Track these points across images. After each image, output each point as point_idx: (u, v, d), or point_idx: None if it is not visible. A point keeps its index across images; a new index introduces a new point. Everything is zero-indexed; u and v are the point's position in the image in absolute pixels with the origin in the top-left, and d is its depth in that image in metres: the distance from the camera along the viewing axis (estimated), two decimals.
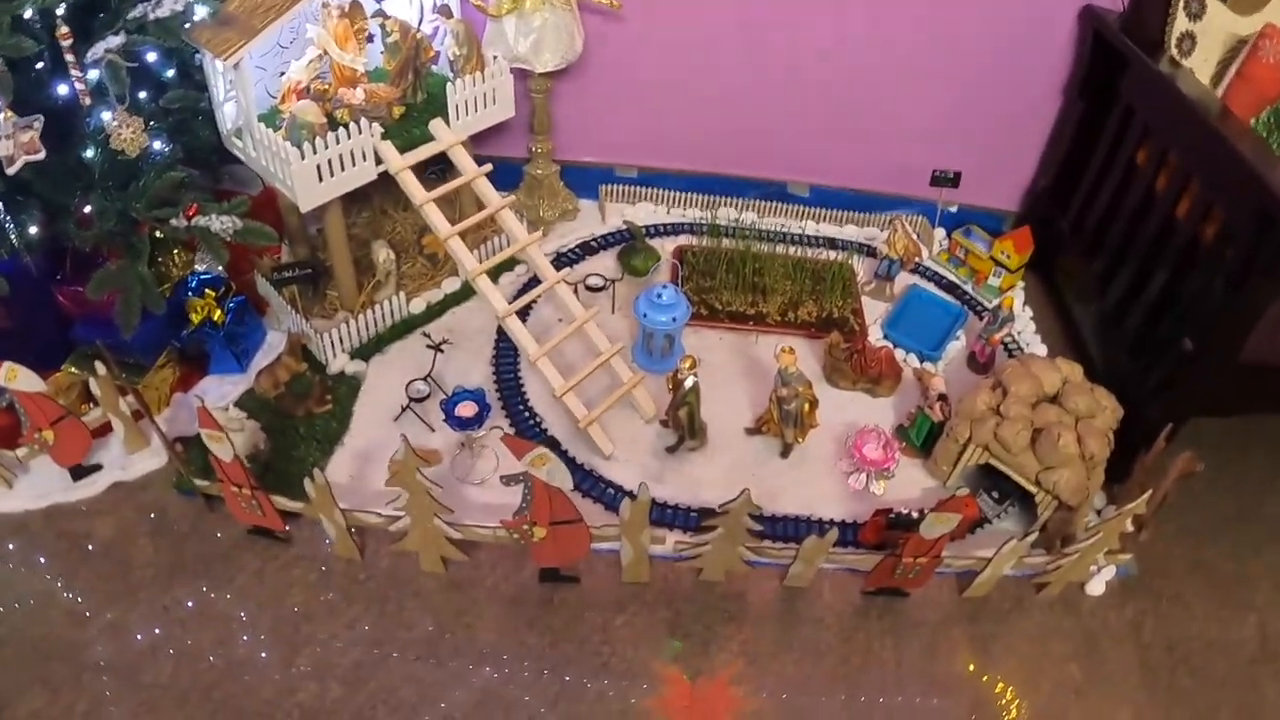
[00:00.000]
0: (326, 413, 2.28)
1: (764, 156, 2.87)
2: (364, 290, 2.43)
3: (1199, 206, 2.15)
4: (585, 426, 2.15)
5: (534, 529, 1.88)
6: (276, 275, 2.37)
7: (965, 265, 2.80)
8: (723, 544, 1.90)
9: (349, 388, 2.34)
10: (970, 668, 1.97)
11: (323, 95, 2.19)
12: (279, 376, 2.25)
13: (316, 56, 2.21)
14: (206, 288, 2.35)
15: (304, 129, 2.10)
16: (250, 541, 2.08)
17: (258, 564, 2.04)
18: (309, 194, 2.12)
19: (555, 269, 2.29)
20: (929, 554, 1.90)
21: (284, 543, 2.07)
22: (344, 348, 2.37)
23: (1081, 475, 2.03)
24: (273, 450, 2.18)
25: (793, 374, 2.08)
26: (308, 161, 2.06)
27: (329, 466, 2.17)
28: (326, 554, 2.06)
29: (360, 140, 2.13)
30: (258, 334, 2.44)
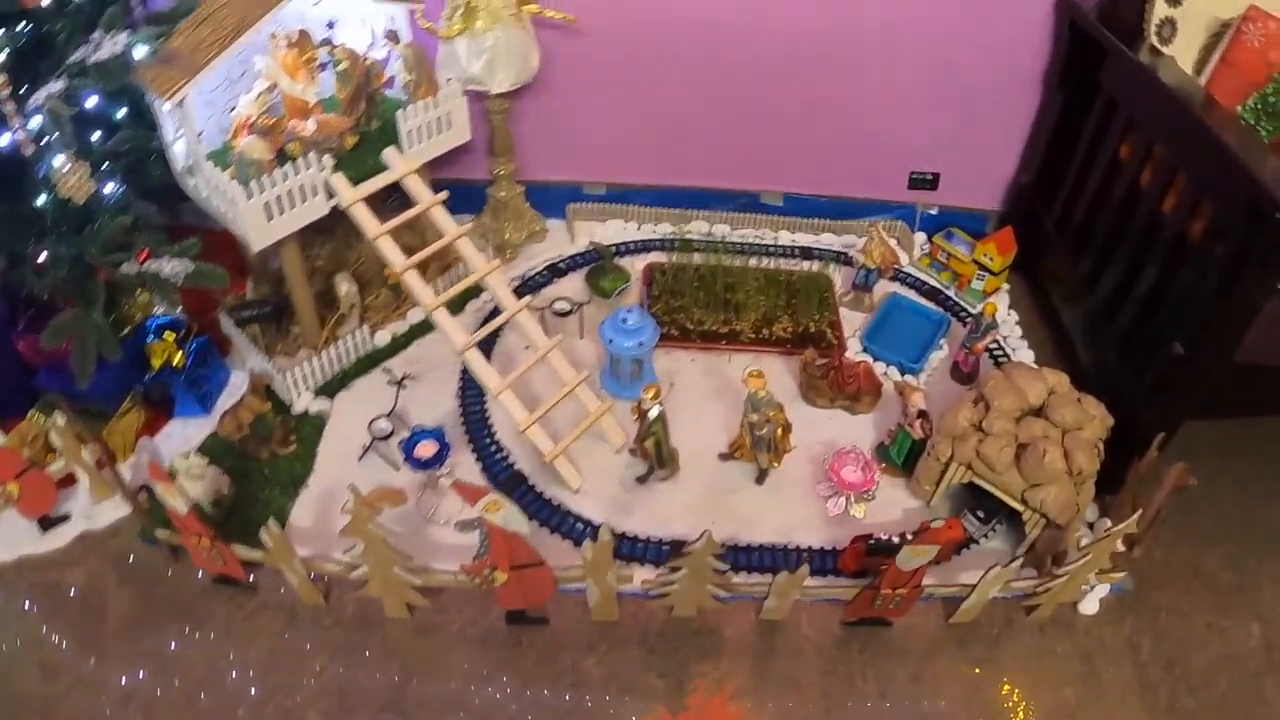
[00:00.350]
0: (290, 454, 2.19)
1: (735, 167, 2.75)
2: (327, 325, 2.34)
3: (1186, 202, 2.02)
4: (551, 461, 2.04)
5: (495, 574, 1.78)
6: (236, 314, 2.28)
7: (947, 269, 2.67)
8: (690, 583, 1.78)
9: (313, 427, 2.25)
10: (959, 698, 1.85)
11: (269, 130, 2.08)
12: (242, 418, 2.17)
13: (265, 89, 2.11)
14: (165, 331, 2.26)
15: (251, 167, 2.01)
16: (216, 590, 1.99)
17: (224, 613, 1.96)
18: (259, 233, 2.02)
19: (522, 294, 2.19)
20: (908, 585, 1.78)
21: (250, 590, 1.99)
22: (308, 385, 2.28)
23: (1069, 492, 1.90)
24: (236, 495, 2.10)
25: (762, 399, 1.96)
26: (255, 201, 1.97)
27: (293, 509, 2.09)
28: (292, 600, 1.97)
29: (309, 175, 2.03)
30: (221, 375, 2.36)
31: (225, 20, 1.99)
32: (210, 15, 2.01)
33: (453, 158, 2.36)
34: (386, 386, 2.33)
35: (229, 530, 1.96)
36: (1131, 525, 1.80)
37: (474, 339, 2.08)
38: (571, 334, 2.44)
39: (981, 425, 1.98)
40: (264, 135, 2.06)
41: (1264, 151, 1.85)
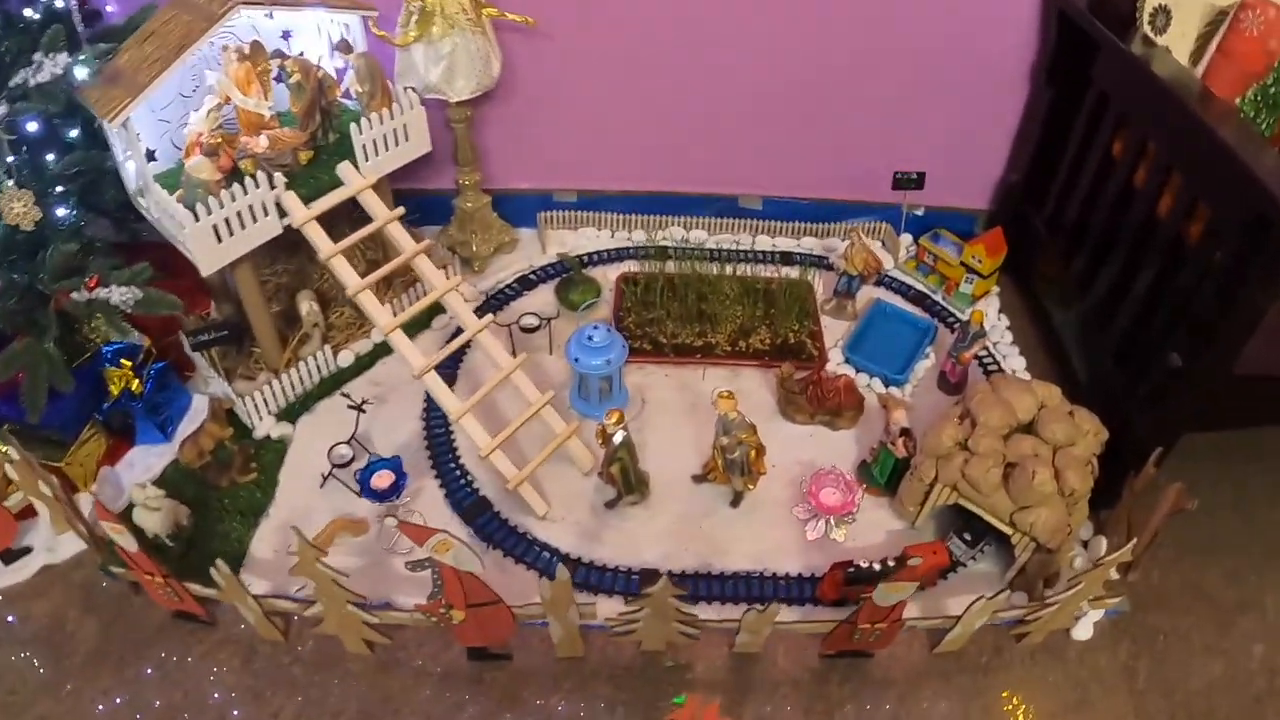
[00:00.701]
0: (251, 482, 2.07)
1: (711, 170, 2.61)
2: (289, 346, 2.22)
3: (1182, 202, 1.88)
4: (514, 488, 1.91)
5: (451, 612, 1.65)
6: (193, 338, 2.15)
7: (935, 273, 2.52)
8: (654, 621, 1.65)
9: (275, 453, 2.12)
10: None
11: (216, 149, 1.96)
12: (203, 445, 2.05)
13: (215, 105, 1.99)
14: (122, 357, 2.14)
15: (198, 188, 1.89)
16: (176, 625, 1.88)
17: (183, 649, 1.84)
18: (208, 256, 1.91)
19: (492, 308, 2.05)
20: (888, 619, 1.64)
21: (210, 625, 1.87)
22: (269, 409, 2.16)
23: (1061, 514, 1.76)
24: (196, 525, 1.98)
25: (733, 420, 1.83)
26: (203, 223, 1.85)
27: (253, 540, 1.97)
28: (252, 636, 1.85)
29: (259, 194, 1.91)
30: (182, 400, 2.23)
31: (170, 36, 1.89)
32: (155, 32, 1.92)
33: (416, 169, 2.24)
34: (350, 410, 2.21)
35: (190, 563, 1.85)
36: (1126, 554, 1.66)
37: (432, 361, 1.95)
38: (540, 350, 2.31)
39: (967, 444, 1.85)
40: (212, 154, 1.94)
41: (1263, 147, 1.70)
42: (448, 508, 2.00)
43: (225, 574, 1.69)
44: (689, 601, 1.84)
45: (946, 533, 1.94)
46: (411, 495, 2.02)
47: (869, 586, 1.75)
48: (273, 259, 2.36)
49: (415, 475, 2.06)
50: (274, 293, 2.31)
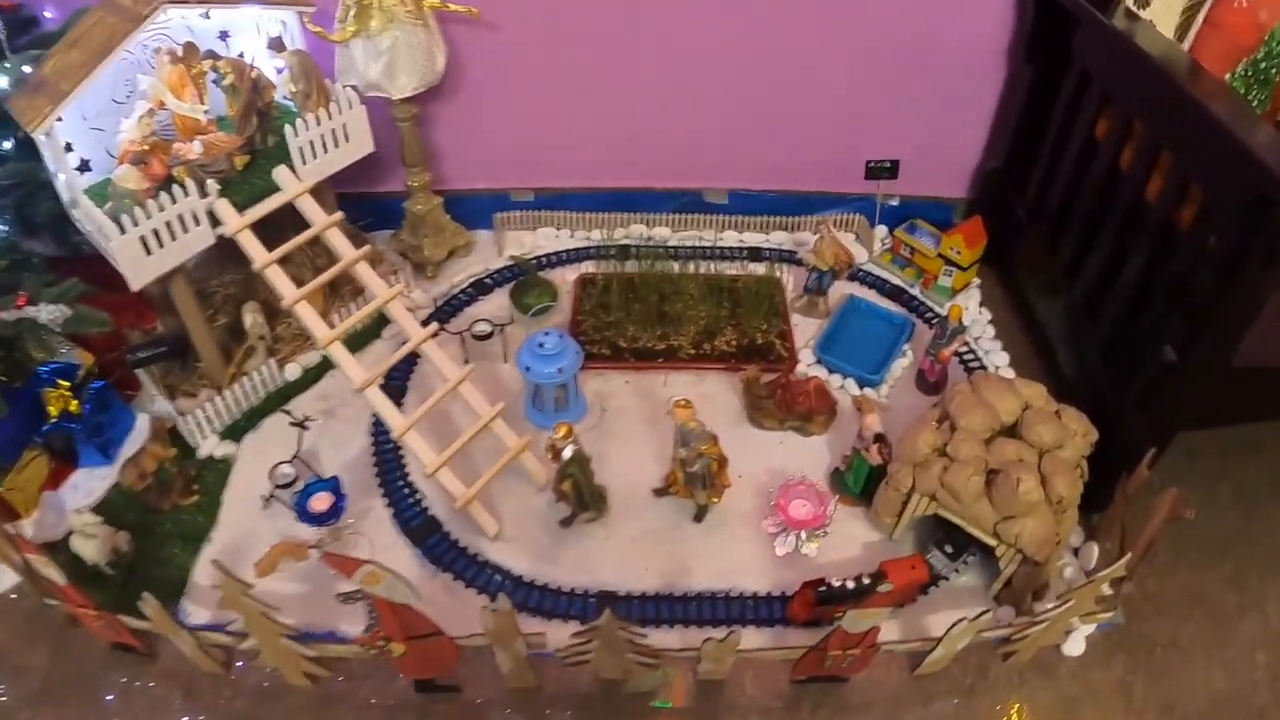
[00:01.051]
0: (193, 504, 1.92)
1: (674, 164, 2.45)
2: (234, 360, 2.07)
3: (1172, 184, 1.74)
4: (462, 507, 1.75)
5: (390, 645, 1.50)
6: (132, 355, 2.00)
7: (911, 265, 2.37)
8: (606, 653, 1.49)
9: (218, 474, 1.98)
10: None
11: (143, 156, 1.82)
12: (144, 466, 1.93)
13: (147, 111, 1.86)
14: (59, 377, 2.00)
15: (125, 198, 1.76)
16: (116, 658, 1.74)
17: (123, 683, 1.70)
18: (137, 270, 1.77)
19: (446, 315, 1.90)
20: (861, 645, 1.48)
21: (150, 657, 1.73)
22: (213, 427, 2.01)
23: (1048, 523, 1.61)
24: (136, 552, 1.84)
25: (692, 430, 1.67)
26: (129, 235, 1.71)
27: (196, 566, 1.82)
28: (192, 669, 1.71)
29: (189, 203, 1.77)
30: (125, 420, 2.08)
31: (94, 40, 1.77)
32: (81, 36, 1.80)
33: (365, 171, 2.09)
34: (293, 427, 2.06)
35: (130, 591, 1.69)
36: (1120, 569, 1.51)
37: (373, 375, 1.79)
38: (495, 359, 2.15)
39: (946, 449, 1.69)
40: (139, 163, 1.81)
41: (1257, 123, 1.55)
42: (395, 529, 1.85)
43: (154, 606, 1.56)
44: (650, 624, 1.70)
45: (926, 545, 1.78)
46: (358, 516, 1.87)
47: (843, 606, 1.60)
48: (220, 269, 2.22)
49: (363, 495, 1.91)
50: (221, 305, 2.17)
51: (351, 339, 2.17)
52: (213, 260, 2.22)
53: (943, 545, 1.74)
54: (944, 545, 1.74)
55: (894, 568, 1.63)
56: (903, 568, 1.64)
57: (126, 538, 1.83)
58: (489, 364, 2.13)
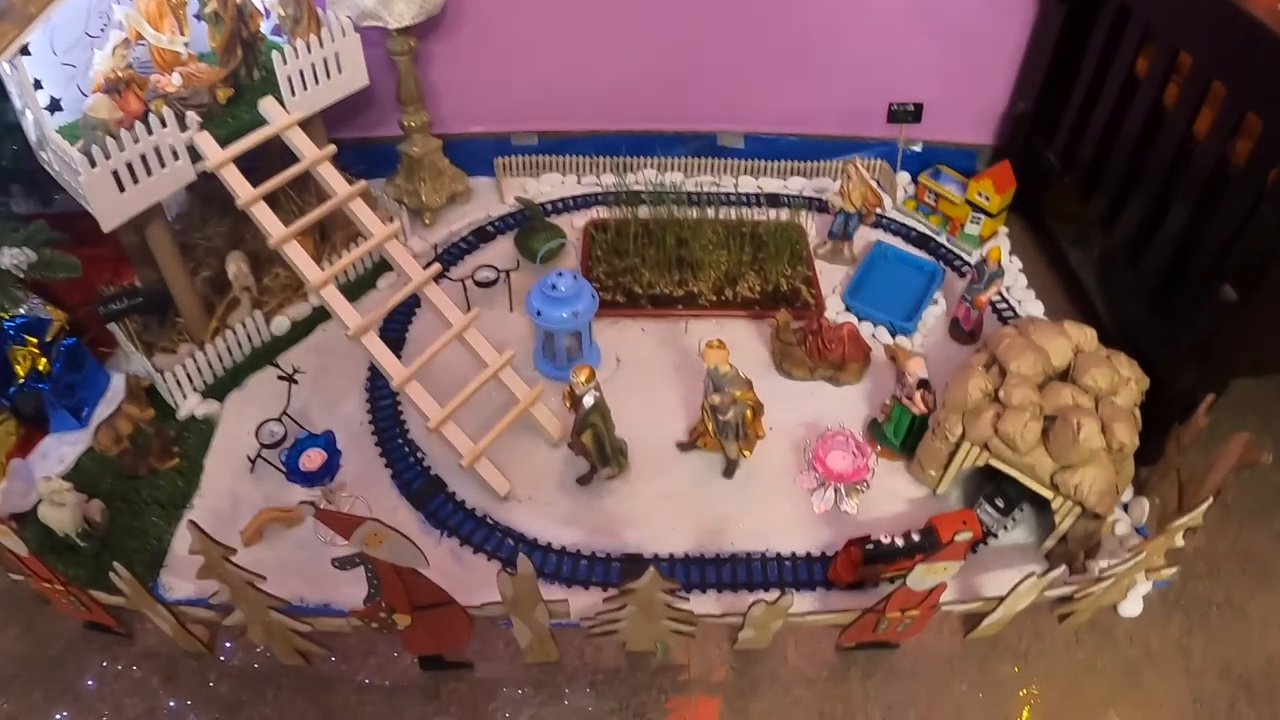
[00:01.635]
0: (173, 469, 1.72)
1: (687, 105, 2.25)
2: (216, 313, 1.86)
3: (1226, 118, 1.58)
4: (469, 464, 1.56)
5: (394, 617, 1.30)
6: (103, 307, 1.78)
7: (936, 213, 2.19)
8: (639, 620, 1.30)
9: (200, 435, 1.77)
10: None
11: (117, 84, 1.62)
12: (120, 429, 1.74)
13: (121, 41, 1.68)
14: (26, 333, 1.79)
15: (97, 129, 1.57)
16: (90, 638, 1.55)
17: (98, 666, 1.51)
18: (109, 208, 1.59)
19: (444, 264, 1.71)
20: (921, 605, 1.31)
21: (125, 638, 1.53)
22: (194, 386, 1.80)
23: (1109, 473, 1.45)
24: (111, 521, 1.64)
25: (725, 375, 1.48)
26: (100, 168, 1.52)
27: (176, 536, 1.62)
28: (172, 649, 1.51)
29: (167, 135, 1.58)
30: (100, 380, 1.86)
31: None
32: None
33: (360, 114, 1.90)
34: (281, 382, 1.85)
35: (104, 564, 1.47)
36: (1198, 518, 1.34)
37: (370, 320, 1.59)
38: (499, 306, 1.95)
39: (998, 395, 1.52)
40: (112, 91, 1.63)
41: None
42: (395, 491, 1.66)
43: (127, 578, 1.37)
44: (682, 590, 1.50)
45: (973, 499, 1.61)
46: (353, 478, 1.67)
47: (891, 565, 1.42)
48: (204, 221, 2.01)
49: (358, 454, 1.71)
50: (204, 258, 1.96)
51: (345, 289, 1.95)
52: (196, 212, 2.03)
53: (993, 499, 1.57)
54: (994, 499, 1.57)
55: (944, 523, 1.45)
56: (954, 523, 1.46)
57: (100, 507, 1.65)
58: (494, 313, 1.94)
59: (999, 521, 1.57)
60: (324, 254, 1.97)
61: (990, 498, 1.57)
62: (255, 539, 1.60)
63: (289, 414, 1.76)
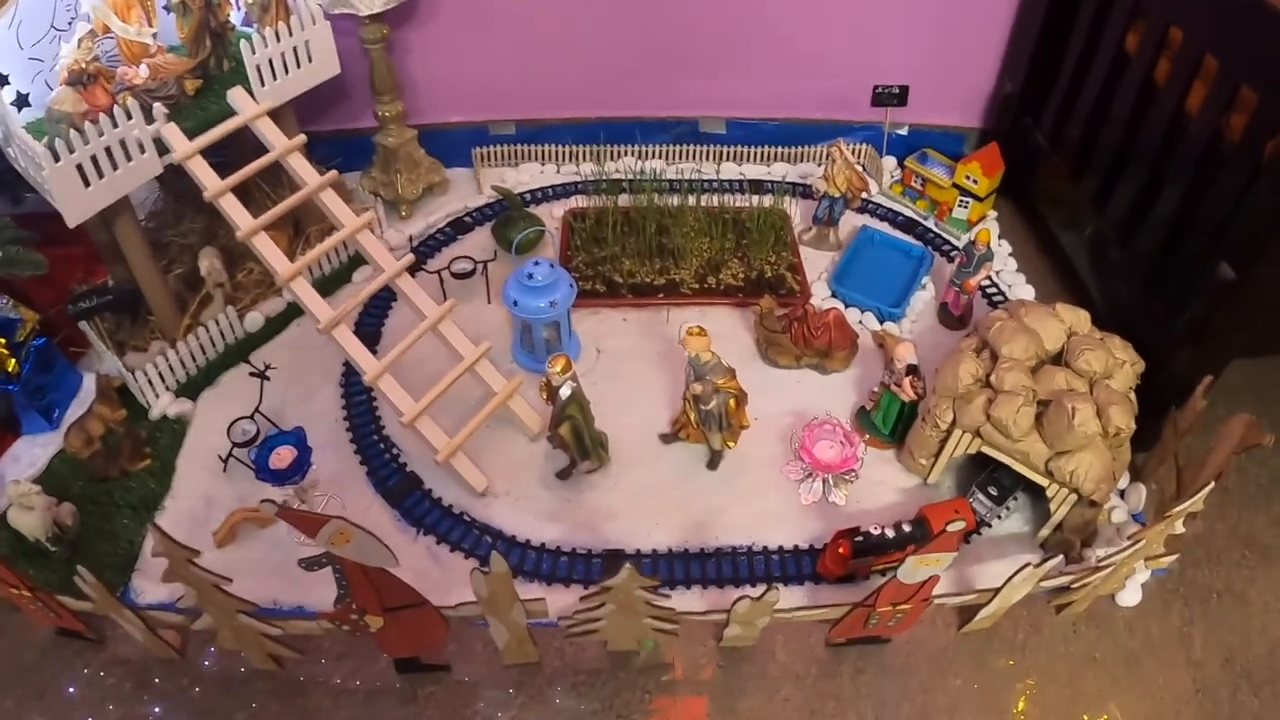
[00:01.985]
0: (145, 470, 1.64)
1: (668, 91, 2.17)
2: (189, 310, 1.79)
3: (1220, 92, 1.51)
4: (444, 460, 1.48)
5: (366, 619, 1.23)
6: (72, 307, 1.71)
7: (924, 197, 2.12)
8: (619, 619, 1.23)
9: (172, 435, 1.70)
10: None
11: (82, 76, 1.54)
12: (91, 430, 1.68)
13: (87, 34, 1.63)
14: None
15: (61, 122, 1.52)
16: (61, 644, 1.48)
17: (69, 673, 1.45)
18: (74, 202, 1.51)
19: (421, 257, 1.63)
20: (913, 599, 1.24)
21: (96, 643, 1.46)
22: (167, 384, 1.73)
23: (1106, 459, 1.38)
24: (82, 525, 1.57)
25: (707, 363, 1.41)
26: (64, 162, 1.45)
27: (147, 538, 1.54)
28: (144, 655, 1.44)
29: (132, 127, 1.51)
30: (71, 381, 1.78)
31: None
32: None
33: (335, 106, 1.83)
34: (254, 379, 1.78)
35: (75, 569, 1.39)
36: (1199, 503, 1.27)
37: (340, 314, 1.52)
38: (476, 298, 1.87)
39: (990, 380, 1.45)
40: (78, 85, 1.56)
41: None
42: (370, 488, 1.59)
43: (92, 582, 1.30)
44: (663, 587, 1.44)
45: (965, 488, 1.54)
46: (329, 475, 1.60)
47: (882, 557, 1.36)
48: (179, 216, 1.94)
49: (333, 450, 1.64)
50: (177, 254, 1.88)
51: (319, 284, 1.91)
52: (170, 209, 1.97)
53: (985, 488, 1.50)
54: (987, 488, 1.50)
55: (936, 513, 1.38)
56: (945, 513, 1.39)
57: (71, 510, 1.57)
58: (472, 304, 1.86)
59: (992, 511, 1.50)
60: (298, 248, 1.90)
61: (983, 486, 1.50)
62: (228, 540, 1.53)
63: (261, 411, 1.69)
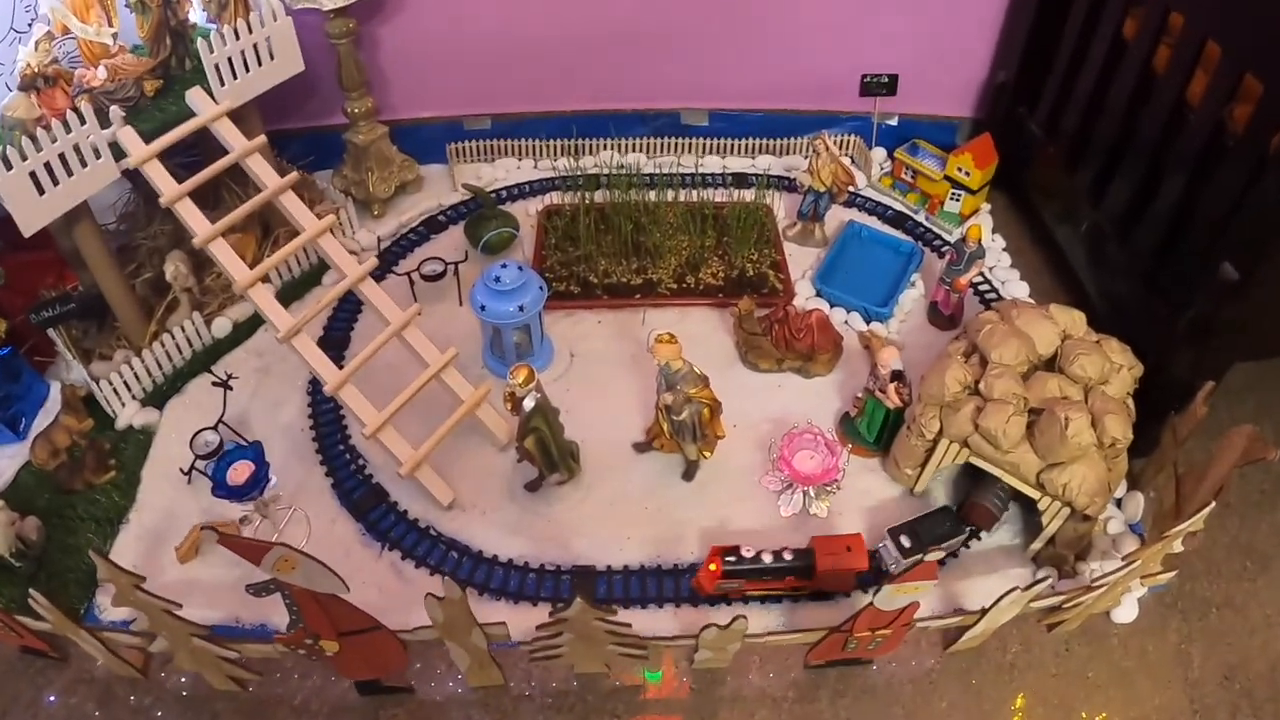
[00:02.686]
0: (109, 482, 1.56)
1: (648, 82, 2.06)
2: (155, 316, 1.71)
3: (1222, 82, 1.41)
4: (409, 473, 1.40)
5: (321, 643, 1.16)
6: (35, 315, 1.64)
7: (914, 190, 2.02)
8: (581, 646, 1.14)
9: (137, 446, 1.62)
10: None
11: (33, 80, 1.47)
12: (57, 441, 1.60)
13: (44, 35, 1.55)
14: None
15: (14, 129, 1.47)
16: (25, 663, 1.41)
17: (32, 692, 1.39)
18: (28, 211, 1.43)
19: (394, 258, 1.56)
20: (893, 625, 1.15)
21: (61, 661, 1.40)
22: (133, 394, 1.65)
23: (1100, 471, 1.29)
24: (48, 540, 1.49)
25: (677, 371, 1.32)
26: (16, 170, 1.38)
27: (112, 552, 1.47)
28: (108, 673, 1.38)
29: (86, 132, 1.43)
30: (38, 390, 1.68)
31: None
32: None
33: (302, 104, 1.73)
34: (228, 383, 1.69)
35: (40, 586, 1.39)
36: (1199, 522, 1.18)
37: (300, 321, 1.43)
38: (448, 300, 1.78)
39: (978, 387, 1.36)
40: (31, 89, 1.50)
41: None
42: (335, 501, 1.50)
43: (45, 605, 1.24)
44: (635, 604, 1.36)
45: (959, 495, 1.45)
46: (294, 487, 1.52)
47: (755, 583, 1.27)
48: (149, 219, 1.84)
49: (299, 462, 1.56)
50: (147, 257, 1.80)
51: (289, 287, 1.83)
52: (141, 211, 1.87)
53: (898, 536, 1.36)
54: (899, 536, 1.35)
55: (825, 545, 1.29)
56: (836, 546, 1.30)
57: (36, 524, 1.50)
58: (443, 307, 1.77)
59: (899, 562, 1.35)
60: (266, 250, 1.81)
61: (897, 534, 1.36)
62: (190, 555, 1.45)
63: (225, 422, 1.60)
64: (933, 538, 1.36)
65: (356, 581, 1.40)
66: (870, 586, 1.33)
